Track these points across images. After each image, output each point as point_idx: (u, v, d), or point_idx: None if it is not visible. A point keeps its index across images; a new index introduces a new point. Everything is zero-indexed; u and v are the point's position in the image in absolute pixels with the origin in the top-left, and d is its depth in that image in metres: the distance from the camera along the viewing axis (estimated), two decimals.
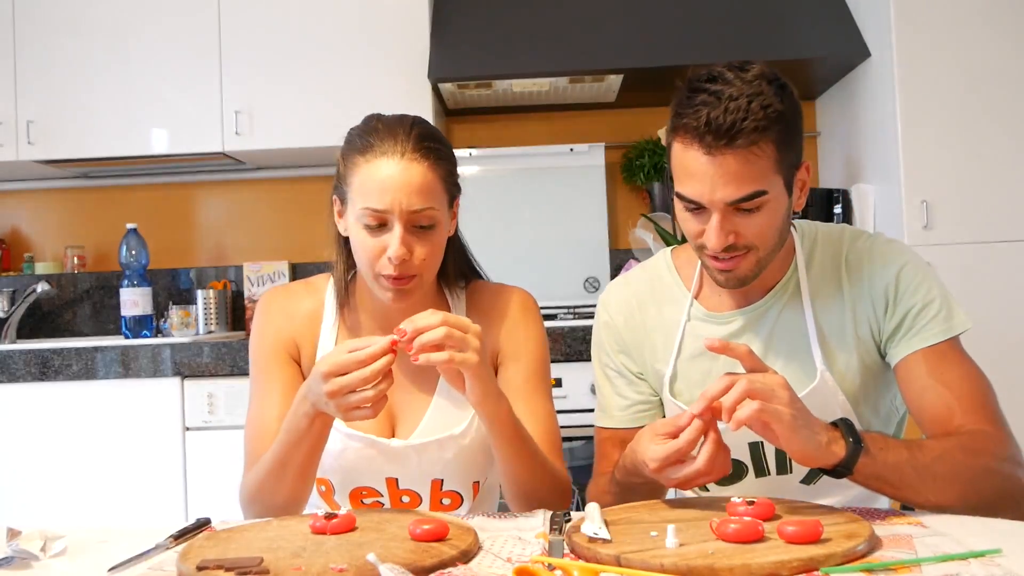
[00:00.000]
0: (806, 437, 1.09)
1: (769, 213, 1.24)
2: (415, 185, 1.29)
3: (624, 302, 1.47)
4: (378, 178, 1.28)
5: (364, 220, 1.30)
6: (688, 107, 1.21)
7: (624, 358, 1.46)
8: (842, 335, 1.35)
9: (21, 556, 1.07)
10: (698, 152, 1.20)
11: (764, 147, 1.20)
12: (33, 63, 3.02)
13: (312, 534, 1.11)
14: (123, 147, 3.03)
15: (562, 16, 2.98)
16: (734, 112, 1.18)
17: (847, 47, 2.86)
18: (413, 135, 1.31)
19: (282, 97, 3.00)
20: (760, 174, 1.21)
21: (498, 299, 1.47)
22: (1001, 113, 2.66)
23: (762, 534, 1.01)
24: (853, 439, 1.11)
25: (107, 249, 3.41)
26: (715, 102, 1.19)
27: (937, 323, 1.30)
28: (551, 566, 0.95)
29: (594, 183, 3.26)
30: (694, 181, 1.22)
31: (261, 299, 1.49)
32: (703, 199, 1.22)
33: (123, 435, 2.63)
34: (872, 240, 1.38)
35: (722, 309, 1.40)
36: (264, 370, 1.44)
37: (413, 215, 1.29)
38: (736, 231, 1.24)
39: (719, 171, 1.20)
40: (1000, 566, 0.92)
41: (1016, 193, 2.65)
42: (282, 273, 3.28)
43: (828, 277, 1.36)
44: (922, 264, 1.35)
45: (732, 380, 1.09)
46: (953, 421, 1.25)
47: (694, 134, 1.20)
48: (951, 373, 1.28)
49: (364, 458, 1.39)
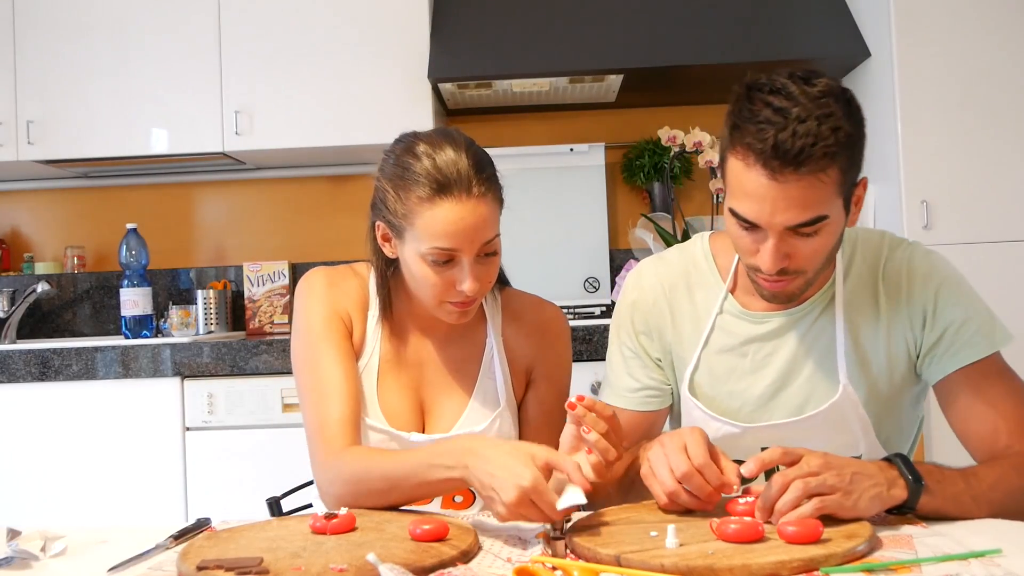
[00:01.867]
0: (868, 500, 1.07)
1: (826, 236, 1.20)
2: (484, 220, 1.30)
3: (656, 282, 1.43)
4: (449, 220, 1.27)
5: (432, 258, 1.29)
6: (751, 122, 1.15)
7: (645, 339, 1.43)
8: (874, 350, 1.32)
9: (21, 556, 1.07)
10: (760, 174, 1.14)
11: (831, 173, 1.14)
12: (33, 63, 3.02)
13: (312, 534, 1.11)
14: (123, 147, 3.03)
15: (562, 16, 2.98)
16: (803, 137, 1.11)
17: (847, 47, 2.86)
18: (475, 170, 1.29)
19: (282, 97, 3.00)
20: (823, 199, 1.16)
21: (538, 312, 1.50)
22: (1001, 113, 2.66)
23: (762, 534, 1.01)
24: (913, 477, 1.09)
25: (107, 249, 3.40)
26: (782, 122, 1.12)
27: (978, 339, 1.27)
28: (552, 566, 0.95)
29: (594, 183, 3.26)
30: (753, 202, 1.17)
31: (307, 277, 1.45)
32: (761, 221, 1.17)
33: (123, 435, 2.63)
34: (911, 251, 1.34)
35: (759, 308, 1.36)
36: (323, 336, 1.38)
37: (484, 246, 1.31)
38: (791, 253, 1.20)
39: (781, 195, 1.14)
40: (1000, 566, 0.92)
41: (1016, 193, 2.65)
42: (282, 273, 3.28)
43: (865, 288, 1.34)
44: (960, 278, 1.33)
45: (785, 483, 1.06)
46: (999, 443, 1.23)
47: (758, 155, 1.14)
48: (995, 391, 1.26)
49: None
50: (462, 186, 1.27)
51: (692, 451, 1.13)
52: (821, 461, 1.08)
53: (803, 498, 1.05)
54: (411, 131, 1.37)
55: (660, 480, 1.14)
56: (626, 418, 1.42)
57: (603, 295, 3.20)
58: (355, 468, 1.26)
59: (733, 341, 1.37)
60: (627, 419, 1.42)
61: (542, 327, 1.48)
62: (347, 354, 1.39)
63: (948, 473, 1.15)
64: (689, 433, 1.16)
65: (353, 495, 1.24)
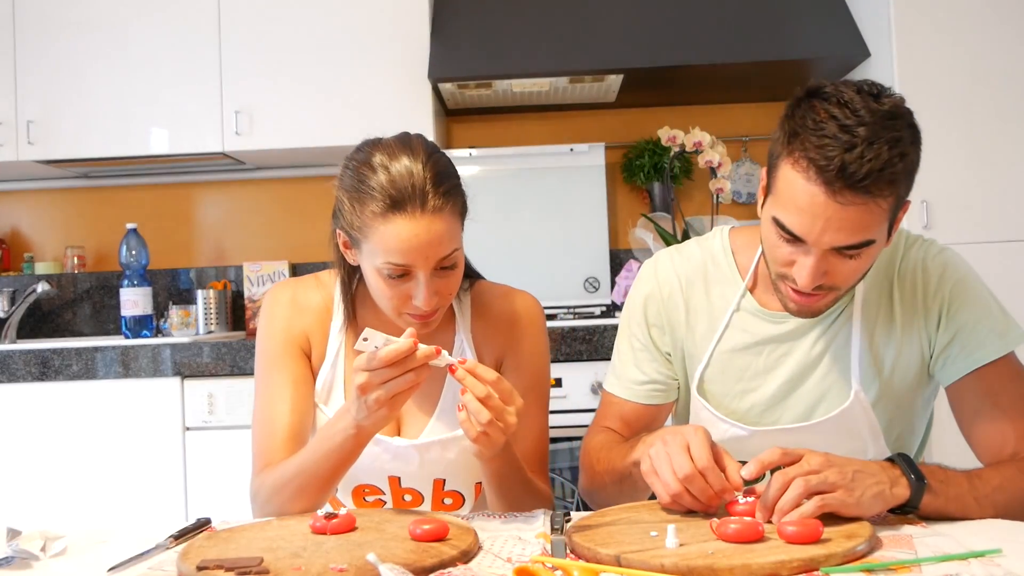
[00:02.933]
0: (870, 498, 1.06)
1: (867, 259, 1.18)
2: (439, 235, 1.24)
3: (673, 276, 1.41)
4: (401, 236, 1.23)
5: (387, 272, 1.27)
6: (814, 133, 1.11)
7: (657, 332, 1.41)
8: (888, 351, 1.31)
9: (21, 556, 1.07)
10: (818, 191, 1.11)
11: (889, 199, 1.13)
12: (33, 63, 3.02)
13: (312, 534, 1.12)
14: (123, 147, 3.03)
15: (562, 16, 2.98)
16: (871, 161, 1.08)
17: (847, 47, 2.86)
18: (430, 184, 1.24)
19: (282, 97, 3.00)
20: (875, 224, 1.14)
21: (506, 303, 1.45)
22: (1001, 113, 2.66)
23: (762, 534, 1.01)
24: (915, 476, 1.09)
25: (107, 249, 3.41)
26: (849, 141, 1.09)
27: (992, 340, 1.26)
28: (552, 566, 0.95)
29: (594, 183, 3.26)
30: (804, 217, 1.13)
31: (270, 292, 1.47)
32: (809, 238, 1.14)
33: (123, 435, 2.63)
34: (925, 250, 1.33)
35: (778, 308, 1.33)
36: (274, 363, 1.41)
37: (440, 261, 1.26)
38: (829, 271, 1.18)
39: (836, 216, 1.11)
40: (1000, 566, 0.92)
41: (1016, 193, 2.65)
42: (282, 273, 3.27)
43: (880, 288, 1.33)
44: (974, 277, 1.32)
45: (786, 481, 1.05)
46: (1006, 449, 1.23)
47: (820, 171, 1.10)
48: (1006, 395, 1.25)
49: (367, 456, 1.39)
50: (416, 201, 1.22)
51: (695, 452, 1.12)
52: (822, 459, 1.08)
53: (804, 496, 1.04)
54: (373, 139, 1.31)
55: (664, 481, 1.13)
56: (630, 409, 1.42)
57: (603, 295, 3.20)
58: (273, 477, 1.30)
59: (748, 339, 1.36)
60: (631, 411, 1.42)
61: (511, 318, 1.44)
62: (297, 381, 1.39)
63: (952, 474, 1.14)
64: (692, 432, 1.15)
65: (279, 504, 1.28)
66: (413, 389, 1.15)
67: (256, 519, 1.29)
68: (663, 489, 1.13)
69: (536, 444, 1.43)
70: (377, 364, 1.12)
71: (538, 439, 1.43)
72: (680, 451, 1.12)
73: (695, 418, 1.41)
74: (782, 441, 1.30)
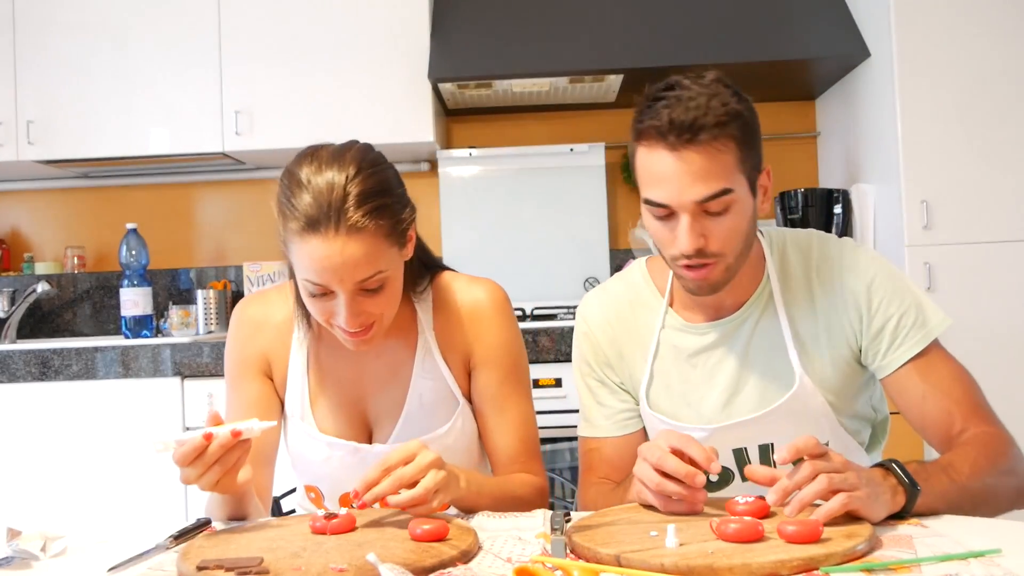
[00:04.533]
0: (881, 504, 1.08)
1: (736, 215, 1.25)
2: (355, 258, 1.19)
3: (602, 313, 1.47)
4: (315, 257, 1.19)
5: (308, 290, 1.24)
6: (648, 113, 1.23)
7: (603, 368, 1.46)
8: (816, 341, 1.36)
9: (21, 556, 1.07)
10: (663, 152, 1.22)
11: (726, 143, 1.22)
12: (33, 63, 3.02)
13: (312, 534, 1.11)
14: (123, 147, 3.03)
15: (562, 16, 2.98)
16: (695, 110, 1.20)
17: (847, 47, 2.86)
18: (351, 201, 1.19)
19: (282, 97, 3.00)
20: (725, 171, 1.22)
21: (466, 295, 1.42)
22: (1001, 113, 2.66)
23: (762, 534, 1.01)
24: (909, 481, 1.11)
25: (107, 249, 3.41)
26: (676, 102, 1.21)
27: (916, 330, 1.32)
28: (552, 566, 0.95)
29: (594, 183, 3.26)
30: (662, 184, 1.23)
31: (235, 309, 1.46)
32: (672, 201, 1.23)
33: (123, 435, 2.63)
34: (841, 246, 1.39)
35: (697, 320, 1.40)
36: (230, 385, 1.43)
37: (360, 283, 1.22)
38: (705, 234, 1.24)
39: (685, 169, 1.21)
40: (1000, 566, 0.92)
41: (1016, 193, 2.65)
42: (282, 273, 3.27)
43: (800, 284, 1.37)
44: (892, 271, 1.36)
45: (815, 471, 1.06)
46: (954, 427, 1.28)
47: (656, 134, 1.22)
48: (940, 377, 1.31)
49: (348, 465, 1.39)
50: (330, 221, 1.18)
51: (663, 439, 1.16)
52: (843, 459, 1.09)
53: (827, 492, 1.05)
54: (313, 146, 1.27)
55: (646, 479, 1.14)
56: (610, 448, 1.44)
57: None
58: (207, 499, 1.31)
59: (681, 354, 1.41)
60: (611, 449, 1.44)
61: (472, 310, 1.40)
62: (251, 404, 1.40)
63: (931, 469, 1.16)
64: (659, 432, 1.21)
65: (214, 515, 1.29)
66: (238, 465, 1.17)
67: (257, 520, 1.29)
68: (649, 491, 1.15)
69: (523, 433, 1.42)
70: (179, 462, 1.15)
71: (523, 430, 1.42)
72: (649, 447, 1.17)
73: (654, 433, 1.43)
74: (743, 434, 1.36)
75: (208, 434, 1.14)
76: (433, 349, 1.40)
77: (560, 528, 1.12)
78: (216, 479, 1.16)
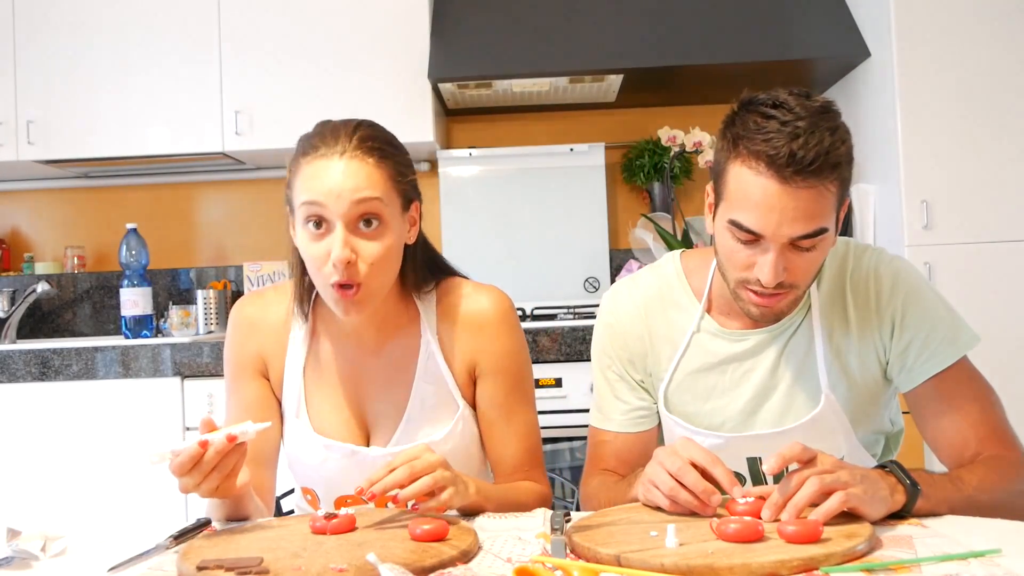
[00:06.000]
0: (879, 501, 1.08)
1: (821, 251, 1.22)
2: (356, 180, 1.24)
3: (632, 306, 1.44)
4: (315, 175, 1.25)
5: (306, 218, 1.25)
6: (758, 132, 1.16)
7: (625, 362, 1.43)
8: (846, 356, 1.34)
9: (21, 556, 1.07)
10: (771, 182, 1.15)
11: (835, 185, 1.17)
12: (33, 63, 3.02)
13: (312, 534, 1.11)
14: (123, 147, 3.03)
15: (562, 16, 2.98)
16: (817, 145, 1.14)
17: (847, 47, 2.86)
18: (356, 136, 1.28)
19: (282, 97, 2.99)
20: (827, 211, 1.18)
21: (472, 303, 1.41)
22: (1001, 113, 2.66)
23: (762, 534, 1.01)
24: (910, 482, 1.11)
25: (107, 249, 3.41)
26: (794, 131, 1.14)
27: (945, 347, 1.29)
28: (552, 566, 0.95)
29: (594, 183, 3.26)
30: (760, 212, 1.17)
31: (232, 309, 1.46)
32: (767, 232, 1.18)
33: (123, 435, 2.63)
34: (876, 258, 1.35)
35: (737, 327, 1.37)
36: (228, 386, 1.43)
37: (355, 207, 1.24)
38: (788, 267, 1.20)
39: (791, 205, 1.15)
40: (1000, 566, 0.92)
41: (1016, 193, 2.65)
42: (282, 273, 3.27)
43: (834, 296, 1.35)
44: (926, 284, 1.34)
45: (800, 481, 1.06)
46: (968, 450, 1.26)
47: (769, 162, 1.15)
48: (962, 398, 1.28)
49: (345, 468, 1.38)
50: (336, 145, 1.27)
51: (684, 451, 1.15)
52: (835, 460, 1.09)
53: (820, 494, 1.05)
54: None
55: (660, 483, 1.14)
56: (621, 443, 1.43)
57: (603, 295, 3.20)
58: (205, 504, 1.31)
59: (711, 359, 1.38)
60: (622, 444, 1.43)
61: (478, 319, 1.39)
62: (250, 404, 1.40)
63: (936, 478, 1.16)
64: (682, 441, 1.19)
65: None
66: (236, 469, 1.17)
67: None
68: (660, 492, 1.15)
69: (527, 445, 1.42)
70: (177, 472, 1.14)
71: (528, 439, 1.42)
72: (670, 454, 1.15)
73: (670, 435, 1.43)
74: (758, 447, 1.34)
75: (203, 441, 1.13)
76: (436, 353, 1.40)
77: (560, 528, 1.12)
78: (215, 485, 1.15)
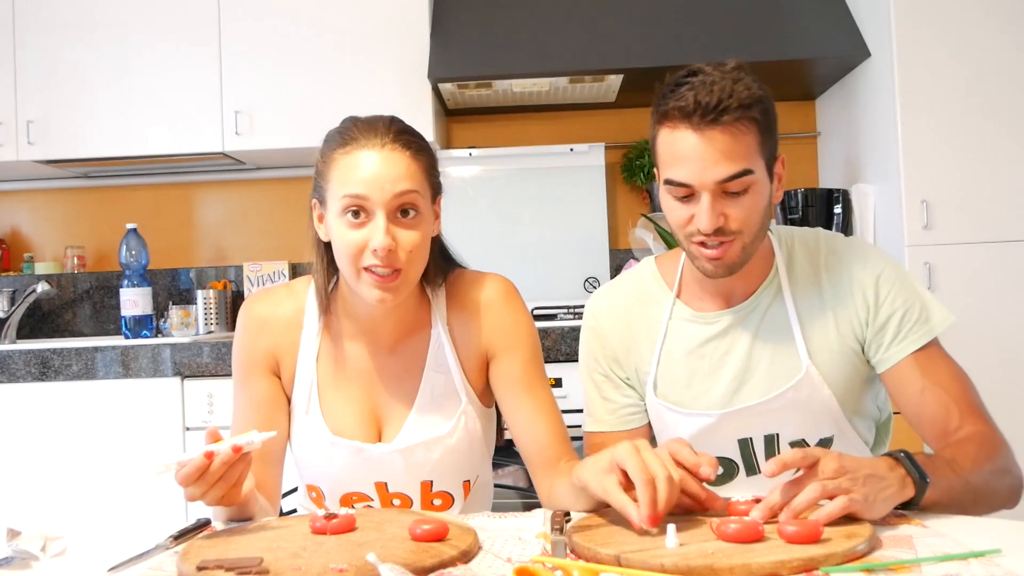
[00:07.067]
0: (884, 499, 1.07)
1: (755, 196, 1.28)
2: (397, 171, 1.28)
3: (611, 308, 1.49)
4: (359, 166, 1.27)
5: (345, 208, 1.27)
6: (671, 97, 1.27)
7: (610, 362, 1.48)
8: (824, 332, 1.38)
9: (21, 556, 1.07)
10: (687, 132, 1.25)
11: (748, 125, 1.25)
12: (33, 63, 3.02)
13: (312, 534, 1.11)
14: (123, 147, 3.03)
15: (562, 16, 2.98)
16: (719, 92, 1.23)
17: (847, 47, 2.86)
18: (393, 129, 1.32)
19: (282, 97, 3.00)
20: (747, 152, 1.25)
21: (477, 289, 1.42)
22: (1001, 113, 2.66)
23: (762, 534, 1.01)
24: (919, 473, 1.11)
25: (107, 249, 3.41)
26: (700, 85, 1.25)
27: (920, 325, 1.34)
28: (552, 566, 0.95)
29: (594, 183, 3.26)
30: (685, 163, 1.26)
31: (242, 306, 1.46)
32: (694, 180, 1.25)
33: (123, 435, 2.63)
34: (848, 243, 1.42)
35: (707, 309, 1.42)
36: (238, 384, 1.43)
37: (396, 199, 1.26)
38: (725, 213, 1.27)
39: (709, 149, 1.24)
40: (1000, 566, 0.92)
41: (1016, 193, 2.65)
42: (282, 273, 3.28)
43: (808, 277, 1.40)
44: (898, 268, 1.39)
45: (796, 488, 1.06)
46: (951, 424, 1.29)
47: (681, 115, 1.25)
48: (941, 373, 1.33)
49: (351, 465, 1.39)
50: (376, 137, 1.29)
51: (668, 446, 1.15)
52: (836, 466, 1.08)
53: (821, 499, 1.05)
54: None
55: None
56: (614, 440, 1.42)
57: None
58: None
59: (689, 345, 1.42)
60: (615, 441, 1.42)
61: (484, 304, 1.41)
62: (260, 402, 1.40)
63: (937, 463, 1.17)
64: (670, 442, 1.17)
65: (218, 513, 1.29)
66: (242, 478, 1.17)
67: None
68: None
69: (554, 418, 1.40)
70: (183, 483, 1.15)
71: (554, 413, 1.41)
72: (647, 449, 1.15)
73: (660, 423, 1.45)
74: (749, 421, 1.38)
75: (209, 452, 1.14)
76: (445, 343, 1.41)
77: (560, 528, 1.12)
78: (221, 495, 1.16)
